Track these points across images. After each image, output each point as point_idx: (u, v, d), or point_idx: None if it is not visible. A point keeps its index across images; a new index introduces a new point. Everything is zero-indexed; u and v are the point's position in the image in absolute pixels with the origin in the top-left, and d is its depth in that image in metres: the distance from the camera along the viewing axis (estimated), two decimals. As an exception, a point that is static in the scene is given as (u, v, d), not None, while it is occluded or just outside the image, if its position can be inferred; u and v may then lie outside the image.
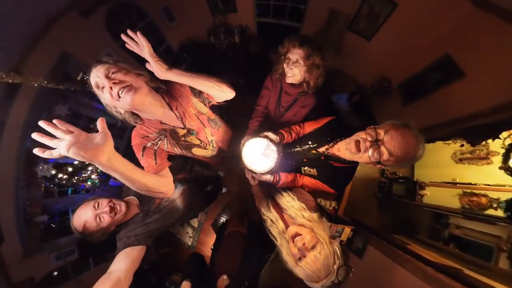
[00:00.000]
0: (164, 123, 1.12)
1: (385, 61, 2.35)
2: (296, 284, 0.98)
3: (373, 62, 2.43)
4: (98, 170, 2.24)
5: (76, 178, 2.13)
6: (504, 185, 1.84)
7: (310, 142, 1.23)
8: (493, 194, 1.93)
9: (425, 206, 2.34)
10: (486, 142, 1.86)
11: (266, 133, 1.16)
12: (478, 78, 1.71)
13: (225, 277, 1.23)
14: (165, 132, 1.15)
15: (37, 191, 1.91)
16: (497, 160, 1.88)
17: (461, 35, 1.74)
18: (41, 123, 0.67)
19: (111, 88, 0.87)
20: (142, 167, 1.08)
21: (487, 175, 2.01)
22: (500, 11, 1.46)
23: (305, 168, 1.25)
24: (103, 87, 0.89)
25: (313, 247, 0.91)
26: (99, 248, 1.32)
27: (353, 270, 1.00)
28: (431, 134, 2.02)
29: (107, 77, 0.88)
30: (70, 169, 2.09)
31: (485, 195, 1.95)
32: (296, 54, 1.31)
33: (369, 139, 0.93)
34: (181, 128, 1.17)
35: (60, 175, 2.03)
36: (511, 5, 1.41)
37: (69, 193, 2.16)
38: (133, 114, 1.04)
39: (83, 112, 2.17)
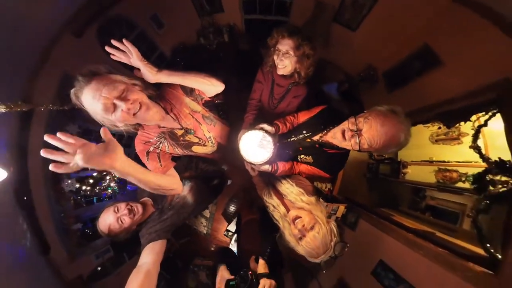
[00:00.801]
0: (163, 126, 1.15)
1: (370, 51, 2.43)
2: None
3: (359, 52, 2.50)
4: (116, 178, 2.46)
5: (97, 188, 2.35)
6: (471, 162, 2.10)
7: (304, 131, 1.26)
8: (463, 170, 2.19)
9: (407, 182, 2.62)
10: (459, 125, 2.07)
11: (261, 125, 1.17)
12: (454, 67, 1.81)
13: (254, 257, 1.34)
14: (164, 134, 1.18)
15: (67, 203, 2.14)
16: (467, 140, 2.09)
17: (439, 26, 1.82)
18: (46, 137, 0.66)
19: (128, 109, 0.87)
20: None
21: (458, 154, 2.25)
22: (476, 5, 1.54)
23: (301, 156, 1.29)
24: (114, 108, 0.86)
25: (312, 228, 0.98)
26: (129, 245, 1.59)
27: (348, 245, 1.18)
28: (413, 118, 2.19)
29: (122, 99, 0.86)
30: (91, 180, 2.30)
31: (456, 171, 2.22)
32: (286, 45, 1.29)
33: (351, 128, 0.98)
34: (178, 128, 1.21)
35: (83, 187, 2.25)
36: (486, 0, 1.50)
37: (94, 202, 2.37)
38: None
39: (92, 127, 2.31)
